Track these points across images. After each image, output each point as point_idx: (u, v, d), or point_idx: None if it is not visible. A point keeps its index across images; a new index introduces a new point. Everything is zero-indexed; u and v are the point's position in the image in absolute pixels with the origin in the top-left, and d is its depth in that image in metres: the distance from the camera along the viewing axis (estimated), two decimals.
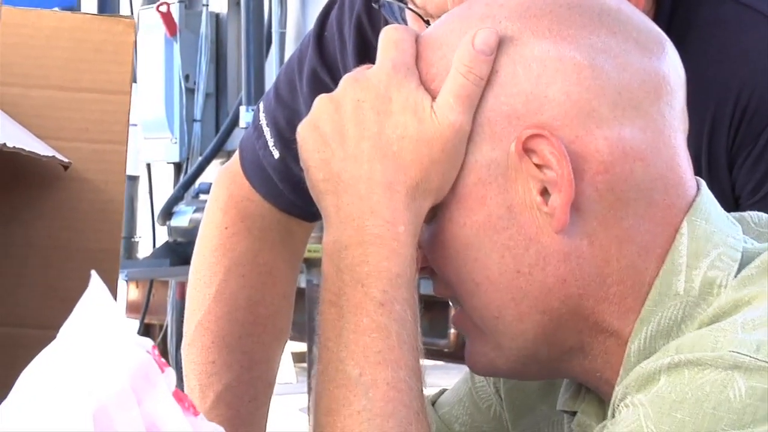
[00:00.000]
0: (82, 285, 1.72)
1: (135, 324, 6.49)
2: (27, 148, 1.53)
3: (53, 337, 1.63)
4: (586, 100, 1.24)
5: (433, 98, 1.25)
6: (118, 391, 0.92)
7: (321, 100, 1.29)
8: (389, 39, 1.28)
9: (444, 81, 1.25)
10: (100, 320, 0.96)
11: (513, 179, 1.25)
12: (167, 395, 0.95)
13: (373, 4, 1.79)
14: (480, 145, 1.25)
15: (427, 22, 1.58)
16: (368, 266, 1.23)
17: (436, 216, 1.27)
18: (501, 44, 1.25)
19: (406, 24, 1.64)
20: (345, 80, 1.28)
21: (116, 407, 0.91)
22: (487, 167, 1.25)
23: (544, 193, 1.24)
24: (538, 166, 1.23)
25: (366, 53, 1.84)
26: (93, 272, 1.01)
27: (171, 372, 0.96)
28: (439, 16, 1.55)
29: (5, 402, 0.98)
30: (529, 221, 1.25)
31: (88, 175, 1.69)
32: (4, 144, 1.41)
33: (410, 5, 1.61)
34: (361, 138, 1.25)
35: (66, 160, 1.64)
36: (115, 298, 1.57)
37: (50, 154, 1.61)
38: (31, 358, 1.49)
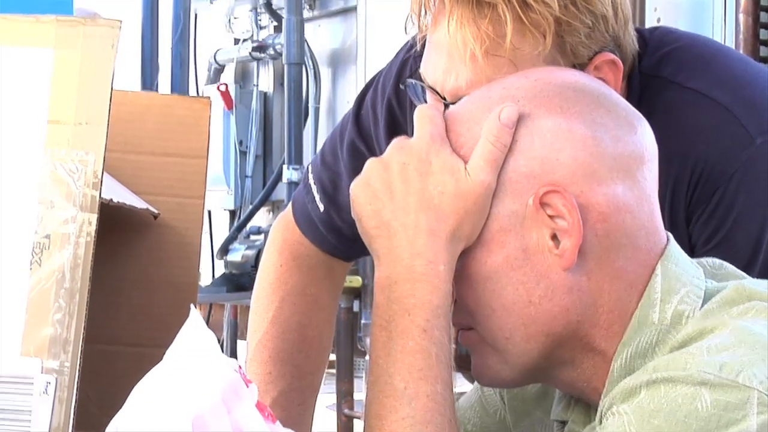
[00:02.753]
0: (167, 311, 1.72)
1: None
2: (127, 203, 1.52)
3: (144, 353, 1.62)
4: (589, 163, 1.23)
5: (464, 162, 1.24)
6: (213, 403, 0.91)
7: (371, 162, 1.28)
8: (424, 115, 1.27)
9: (471, 147, 1.25)
10: (198, 345, 0.95)
11: (529, 227, 1.23)
12: (251, 406, 0.94)
13: (400, 85, 1.78)
14: (503, 199, 1.24)
15: (445, 100, 1.57)
16: (414, 299, 1.22)
17: (462, 255, 1.25)
18: (520, 118, 1.24)
19: (426, 100, 1.63)
20: (391, 147, 1.27)
21: (211, 415, 0.90)
22: (508, 217, 1.24)
23: (554, 238, 1.23)
24: (550, 216, 1.23)
25: (395, 128, 1.83)
26: (192, 306, 1.01)
27: (254, 387, 0.95)
28: (453, 96, 1.55)
29: (122, 409, 0.97)
30: (540, 261, 1.23)
31: (173, 223, 1.69)
32: (111, 199, 1.40)
33: (430, 86, 1.60)
34: (407, 193, 1.24)
35: (156, 211, 1.64)
36: None
37: (143, 206, 1.61)
38: (127, 370, 1.47)
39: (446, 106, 1.56)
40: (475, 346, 1.29)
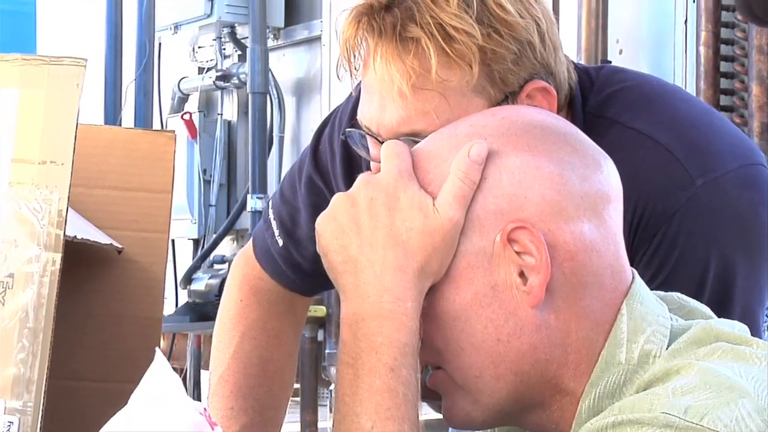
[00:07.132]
0: (132, 346, 1.70)
1: None
2: (91, 239, 1.51)
3: (109, 389, 1.60)
4: (557, 201, 1.23)
5: (432, 198, 1.23)
6: None
7: (338, 197, 1.26)
8: (391, 151, 1.26)
9: (439, 184, 1.24)
10: (163, 388, 0.94)
11: (496, 264, 1.22)
12: None
13: (341, 136, 1.77)
14: (470, 236, 1.23)
15: (382, 141, 1.58)
16: (382, 336, 1.20)
17: (430, 293, 1.24)
18: (489, 156, 1.24)
19: (367, 148, 1.63)
20: (358, 182, 1.26)
21: None
22: (476, 254, 1.23)
23: (521, 275, 1.22)
24: (518, 253, 1.22)
25: (351, 164, 1.83)
26: (157, 349, 1.00)
27: (219, 429, 0.95)
28: (389, 133, 1.56)
29: None
30: (509, 298, 1.22)
31: (137, 257, 1.68)
32: (74, 236, 1.39)
33: (368, 132, 1.60)
34: (375, 228, 1.23)
35: (119, 246, 1.63)
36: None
37: (107, 242, 1.60)
38: (92, 406, 1.45)
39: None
40: (444, 387, 1.27)
